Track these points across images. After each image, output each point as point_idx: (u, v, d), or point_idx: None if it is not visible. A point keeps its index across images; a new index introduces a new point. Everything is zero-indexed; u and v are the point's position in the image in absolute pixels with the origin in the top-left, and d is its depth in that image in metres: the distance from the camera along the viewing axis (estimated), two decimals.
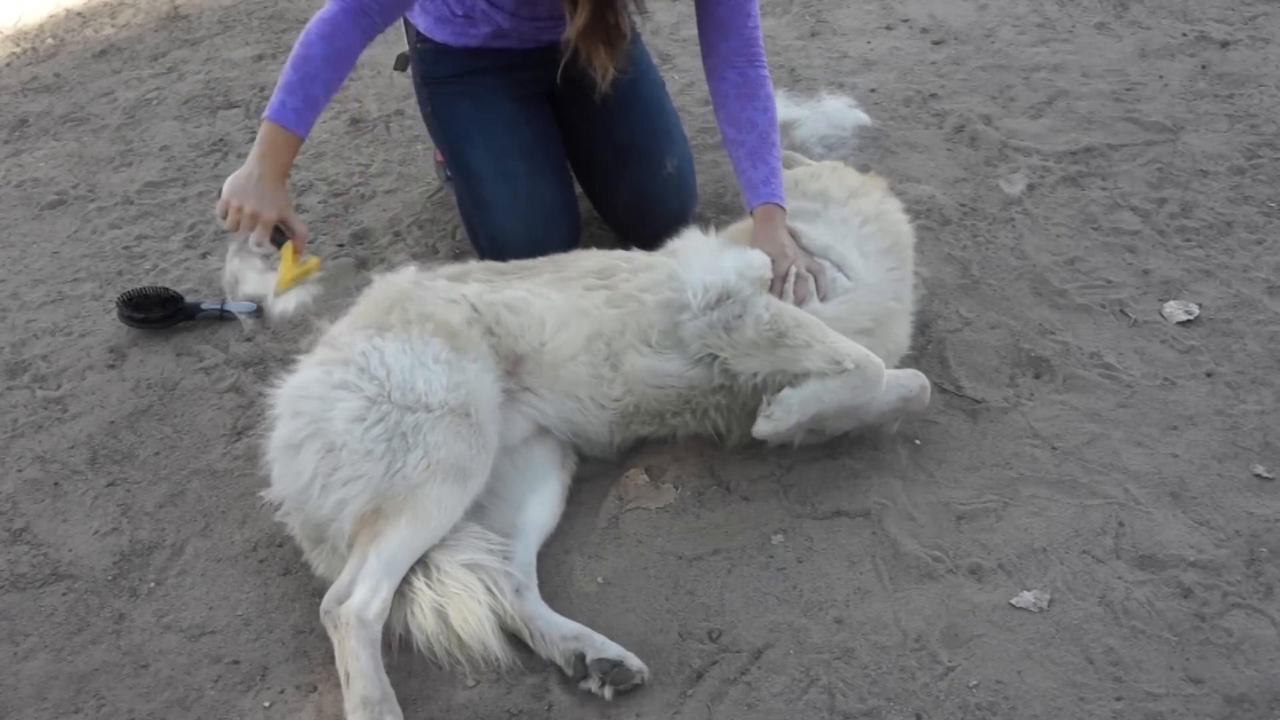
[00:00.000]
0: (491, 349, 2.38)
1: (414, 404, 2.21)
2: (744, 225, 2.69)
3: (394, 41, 3.82)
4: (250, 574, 2.36)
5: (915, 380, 2.41)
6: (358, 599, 2.05)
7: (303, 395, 2.27)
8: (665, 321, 2.41)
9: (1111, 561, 2.22)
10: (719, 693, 2.04)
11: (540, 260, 2.61)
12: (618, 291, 2.46)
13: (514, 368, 2.40)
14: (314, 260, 2.55)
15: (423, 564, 2.15)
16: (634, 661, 2.05)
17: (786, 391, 2.32)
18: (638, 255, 2.57)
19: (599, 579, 2.28)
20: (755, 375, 2.36)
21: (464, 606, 2.09)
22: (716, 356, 2.38)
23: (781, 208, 2.62)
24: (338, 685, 2.10)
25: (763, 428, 2.34)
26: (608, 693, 2.03)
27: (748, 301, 2.35)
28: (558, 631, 2.11)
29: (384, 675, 2.01)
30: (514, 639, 2.14)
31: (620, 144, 3.02)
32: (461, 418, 2.22)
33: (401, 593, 2.12)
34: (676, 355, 2.41)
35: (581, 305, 2.43)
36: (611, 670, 2.03)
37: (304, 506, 2.19)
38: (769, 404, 2.33)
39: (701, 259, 2.49)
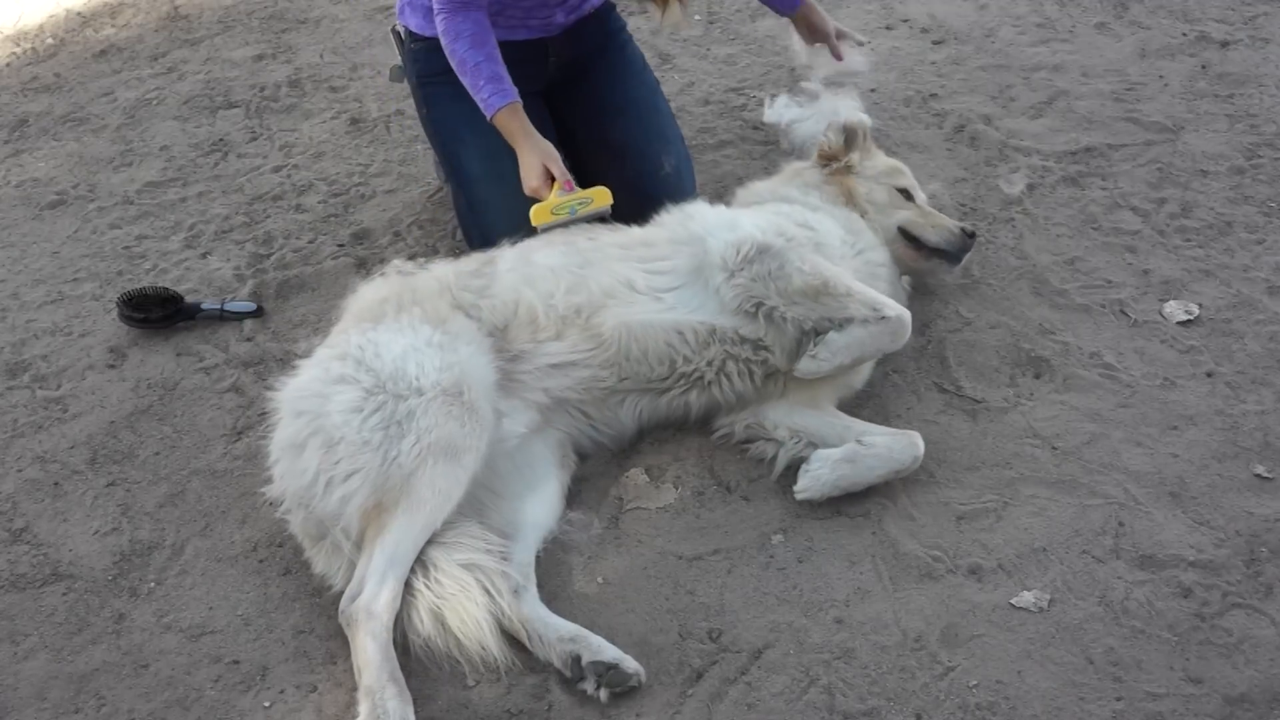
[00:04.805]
0: (478, 328, 2.42)
1: (406, 390, 2.23)
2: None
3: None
4: (250, 574, 2.36)
5: (909, 452, 2.39)
6: (367, 594, 2.09)
7: (303, 394, 2.29)
8: (679, 276, 2.51)
9: (1111, 561, 2.22)
10: (719, 693, 2.04)
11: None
12: (601, 242, 2.59)
13: (504, 341, 2.43)
14: (580, 195, 2.70)
15: (420, 563, 2.16)
16: (630, 664, 2.05)
17: (832, 335, 2.42)
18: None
19: (599, 579, 2.28)
20: (802, 322, 2.45)
21: (461, 608, 2.10)
22: (761, 305, 2.45)
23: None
24: (338, 685, 2.11)
25: (807, 366, 2.43)
26: (603, 695, 2.03)
27: (784, 254, 2.46)
28: (555, 633, 2.11)
29: (393, 662, 2.03)
30: (513, 640, 2.14)
31: (616, 146, 3.03)
32: (454, 397, 2.24)
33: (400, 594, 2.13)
34: (693, 300, 2.49)
35: (552, 263, 2.52)
36: (607, 672, 2.03)
37: (310, 504, 2.20)
38: (815, 344, 2.43)
39: (718, 219, 2.61)
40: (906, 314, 2.47)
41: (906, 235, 2.81)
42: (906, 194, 2.89)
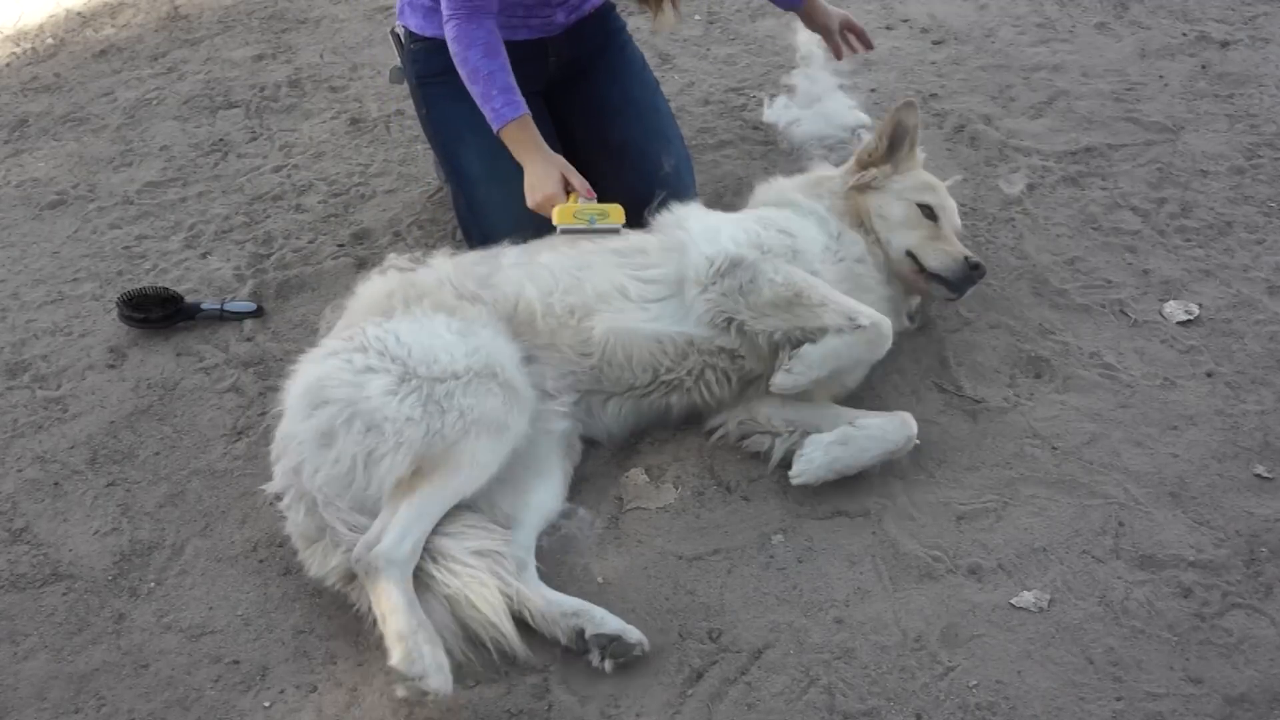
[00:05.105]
0: (490, 313, 2.44)
1: (441, 374, 2.25)
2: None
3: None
4: (250, 574, 2.36)
5: (902, 432, 2.41)
6: (387, 542, 2.09)
7: (327, 384, 2.27)
8: (667, 286, 2.51)
9: (1111, 561, 2.22)
10: (719, 693, 2.04)
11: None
12: (592, 247, 2.59)
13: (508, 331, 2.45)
14: (599, 208, 2.70)
15: (429, 554, 2.16)
16: (633, 634, 2.07)
17: (807, 347, 2.38)
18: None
19: (599, 579, 2.28)
20: (773, 334, 2.42)
21: (476, 595, 2.11)
22: (732, 320, 2.44)
23: None
24: (338, 685, 2.11)
25: (783, 381, 2.39)
26: (608, 666, 2.05)
27: (756, 266, 2.43)
28: (558, 609, 2.13)
29: (419, 609, 2.04)
30: (520, 623, 2.14)
31: (616, 146, 3.03)
32: (489, 378, 2.27)
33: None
34: (675, 312, 2.49)
35: (548, 262, 2.54)
36: (610, 644, 2.06)
37: (348, 490, 2.18)
38: (790, 358, 2.39)
39: (703, 228, 2.59)
40: (885, 321, 2.41)
41: (911, 256, 2.69)
42: (930, 211, 2.71)
